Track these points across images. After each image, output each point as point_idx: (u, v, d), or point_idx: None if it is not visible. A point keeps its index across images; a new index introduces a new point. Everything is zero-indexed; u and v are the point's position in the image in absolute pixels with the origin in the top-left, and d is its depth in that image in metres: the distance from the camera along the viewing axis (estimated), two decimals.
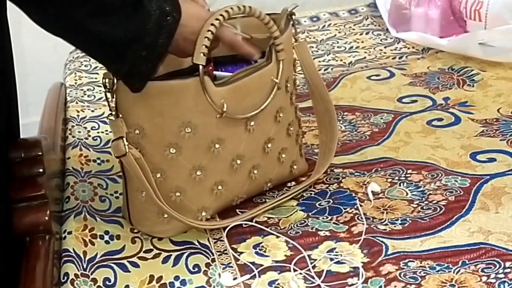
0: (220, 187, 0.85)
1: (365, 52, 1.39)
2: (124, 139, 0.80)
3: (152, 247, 0.84)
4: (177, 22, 0.77)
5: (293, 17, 0.91)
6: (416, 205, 0.88)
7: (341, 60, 1.36)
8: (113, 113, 0.80)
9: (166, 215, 0.84)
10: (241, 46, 0.86)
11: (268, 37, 0.87)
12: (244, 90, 0.84)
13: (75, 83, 1.32)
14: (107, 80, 0.79)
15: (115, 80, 0.79)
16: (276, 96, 0.86)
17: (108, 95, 0.79)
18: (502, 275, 0.74)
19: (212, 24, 0.80)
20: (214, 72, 0.86)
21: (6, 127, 0.82)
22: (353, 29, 1.50)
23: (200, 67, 0.79)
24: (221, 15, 0.80)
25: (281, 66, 0.86)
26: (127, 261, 0.82)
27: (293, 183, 0.95)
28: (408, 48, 1.38)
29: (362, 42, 1.44)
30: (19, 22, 0.83)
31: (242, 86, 0.83)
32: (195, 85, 0.80)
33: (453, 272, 0.76)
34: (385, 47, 1.40)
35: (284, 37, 0.87)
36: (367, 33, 1.48)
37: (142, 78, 0.78)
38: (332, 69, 1.32)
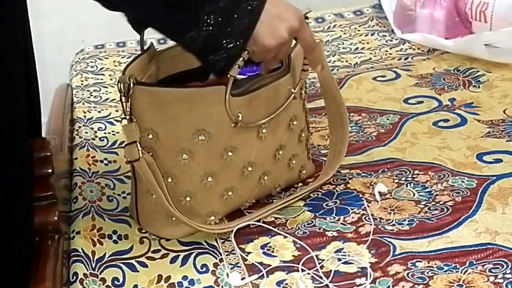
0: (230, 193, 0.86)
1: (371, 53, 1.39)
2: (138, 143, 0.79)
3: (160, 247, 0.85)
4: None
5: (307, 20, 0.91)
6: (423, 206, 0.88)
7: (346, 61, 1.36)
8: (127, 117, 0.80)
9: (175, 218, 0.84)
10: (314, 52, 0.83)
11: None
12: (260, 100, 0.84)
13: (82, 84, 1.33)
14: (122, 85, 0.78)
15: (131, 85, 0.78)
16: (291, 105, 0.86)
17: (123, 99, 0.79)
18: (509, 275, 0.74)
19: None
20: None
21: (29, 127, 0.82)
22: (358, 30, 1.51)
23: (231, 79, 0.78)
24: None
25: (297, 74, 0.86)
26: (136, 261, 0.82)
27: (301, 184, 0.96)
28: (414, 49, 1.38)
29: (368, 43, 1.44)
30: (23, 23, 0.83)
31: (258, 96, 0.83)
32: (212, 94, 0.79)
33: (461, 272, 0.76)
34: (390, 48, 1.41)
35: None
36: (372, 34, 1.48)
37: (224, 55, 0.73)
38: (337, 70, 1.32)
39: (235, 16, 0.73)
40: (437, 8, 1.39)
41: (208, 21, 0.72)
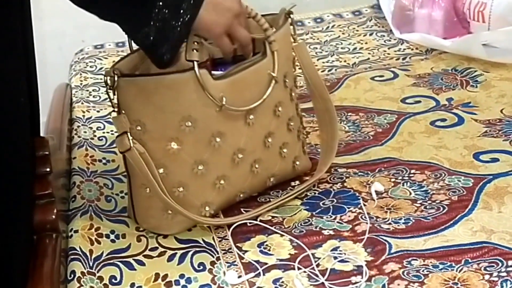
0: (222, 182, 0.86)
1: (369, 53, 1.40)
2: (128, 134, 0.81)
3: (157, 245, 0.85)
4: None
5: (291, 16, 0.92)
6: (419, 205, 0.89)
7: (344, 61, 1.37)
8: (116, 109, 0.82)
9: (170, 211, 0.85)
10: (249, 45, 0.87)
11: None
12: (242, 83, 0.85)
13: (81, 83, 1.33)
14: (108, 78, 0.81)
15: (116, 77, 0.80)
16: (274, 90, 0.87)
17: (110, 92, 0.81)
18: (504, 273, 0.74)
19: None
20: (214, 72, 0.86)
21: (31, 126, 0.83)
22: (357, 30, 1.51)
23: (195, 63, 0.80)
24: None
25: (276, 58, 0.87)
26: (133, 259, 0.83)
27: (297, 182, 0.96)
28: (412, 49, 1.39)
29: (366, 43, 1.45)
30: (24, 21, 0.83)
31: (240, 80, 0.85)
32: (194, 79, 0.81)
33: (456, 271, 0.76)
34: (388, 48, 1.41)
35: (280, 33, 0.88)
36: (370, 34, 1.48)
37: (170, 46, 0.77)
38: (336, 70, 1.33)
39: (181, 10, 0.77)
40: (435, 8, 1.39)
41: (159, 16, 0.76)
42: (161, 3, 0.75)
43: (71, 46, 1.64)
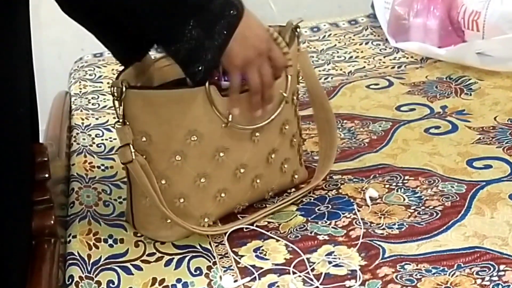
0: (223, 195, 0.87)
1: (365, 62, 1.41)
2: (131, 146, 0.82)
3: (155, 251, 0.86)
4: (239, 17, 0.78)
5: (298, 30, 0.93)
6: (413, 210, 0.90)
7: (340, 70, 1.38)
8: (120, 120, 0.82)
9: (169, 220, 0.86)
10: (268, 88, 0.85)
11: None
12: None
13: (80, 91, 1.35)
14: (115, 89, 0.81)
15: (124, 89, 0.80)
16: (283, 110, 0.88)
17: (116, 103, 0.81)
18: (496, 278, 0.76)
19: None
20: (222, 82, 0.87)
21: (32, 133, 0.84)
22: (353, 39, 1.53)
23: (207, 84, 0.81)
24: None
25: (290, 81, 0.88)
26: (131, 264, 0.84)
27: (293, 189, 0.97)
28: (407, 58, 1.40)
29: (362, 52, 1.46)
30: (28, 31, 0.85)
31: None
32: (203, 95, 0.82)
33: (449, 275, 0.77)
34: (384, 57, 1.43)
35: (291, 52, 0.89)
36: (366, 43, 1.50)
37: (203, 68, 0.78)
38: (332, 78, 1.34)
39: (215, 31, 0.77)
40: (430, 18, 1.41)
41: (190, 35, 0.76)
42: (193, 22, 0.76)
43: (71, 55, 1.65)
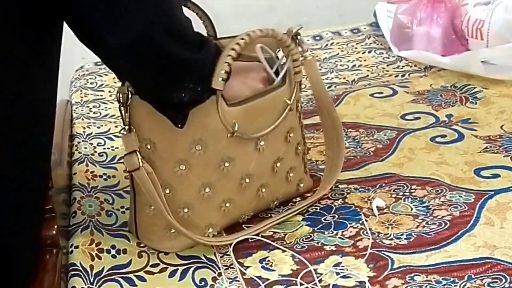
0: (228, 205, 0.86)
1: (368, 70, 1.40)
2: (138, 153, 0.80)
3: (158, 262, 0.85)
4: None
5: (299, 37, 0.92)
6: (421, 220, 0.89)
7: (344, 78, 1.37)
8: (126, 127, 0.81)
9: (173, 230, 0.84)
10: None
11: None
12: (256, 110, 0.84)
13: (81, 100, 1.34)
14: (121, 95, 0.80)
15: (130, 95, 0.80)
16: (287, 117, 0.87)
17: (122, 109, 0.80)
18: None
19: (232, 49, 0.79)
20: None
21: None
22: (356, 48, 1.52)
23: (218, 92, 0.80)
24: (242, 39, 0.80)
25: (295, 89, 0.87)
26: (134, 275, 0.82)
27: (299, 198, 0.96)
28: (411, 66, 1.40)
29: (365, 60, 1.45)
30: None
31: (254, 107, 0.84)
32: (209, 104, 0.80)
33: (459, 286, 0.76)
34: (387, 66, 1.42)
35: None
36: (369, 52, 1.49)
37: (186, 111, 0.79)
38: (335, 86, 1.33)
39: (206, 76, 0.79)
40: (433, 26, 1.40)
41: (186, 84, 0.77)
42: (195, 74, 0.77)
43: (72, 63, 1.64)
